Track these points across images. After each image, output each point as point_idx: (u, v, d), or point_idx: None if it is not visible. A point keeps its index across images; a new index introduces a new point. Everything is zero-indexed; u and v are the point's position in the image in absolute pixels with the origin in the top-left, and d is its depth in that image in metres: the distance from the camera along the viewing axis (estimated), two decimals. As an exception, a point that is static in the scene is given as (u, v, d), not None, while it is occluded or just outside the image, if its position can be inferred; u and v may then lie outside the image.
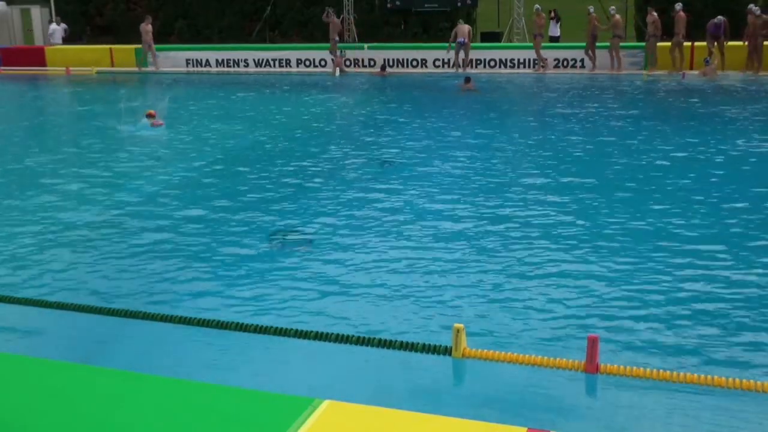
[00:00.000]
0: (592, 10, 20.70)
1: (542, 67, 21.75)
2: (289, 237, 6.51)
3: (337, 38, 22.99)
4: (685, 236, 6.22)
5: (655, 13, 20.25)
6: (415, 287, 5.22)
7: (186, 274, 5.57)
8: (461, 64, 22.02)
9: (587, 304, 4.87)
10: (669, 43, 20.19)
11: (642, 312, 4.73)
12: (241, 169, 9.51)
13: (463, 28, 21.87)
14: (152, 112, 12.86)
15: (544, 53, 21.80)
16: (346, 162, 9.73)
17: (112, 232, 6.70)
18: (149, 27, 23.96)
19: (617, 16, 20.62)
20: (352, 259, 5.83)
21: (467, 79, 18.16)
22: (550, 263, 5.63)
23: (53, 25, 27.50)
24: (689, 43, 20.54)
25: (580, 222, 6.69)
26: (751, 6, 19.14)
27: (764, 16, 19.03)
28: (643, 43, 20.79)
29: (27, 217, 7.24)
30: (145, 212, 7.38)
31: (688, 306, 4.82)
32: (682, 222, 6.62)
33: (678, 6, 19.75)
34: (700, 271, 5.41)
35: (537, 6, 22.09)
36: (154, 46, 24.20)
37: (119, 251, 6.14)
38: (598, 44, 20.93)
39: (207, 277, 5.50)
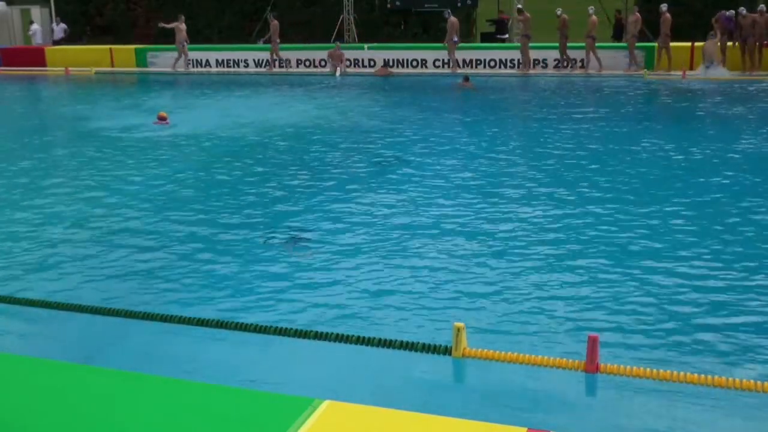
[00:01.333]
0: (559, 12, 20.81)
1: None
2: (289, 237, 6.51)
3: (278, 40, 23.32)
4: (686, 237, 6.22)
5: (638, 13, 20.36)
6: (415, 287, 5.22)
7: (186, 274, 5.57)
8: (458, 63, 22.12)
9: (587, 305, 4.87)
10: (681, 44, 20.22)
11: (642, 312, 4.73)
12: (242, 168, 9.51)
13: (456, 23, 21.93)
14: (163, 113, 13.04)
15: (541, 54, 21.82)
16: (347, 162, 9.73)
17: (112, 232, 6.70)
18: (183, 26, 23.85)
19: (594, 17, 20.70)
20: (353, 258, 5.83)
21: (466, 78, 18.25)
22: (550, 263, 5.63)
23: (34, 26, 27.51)
24: (689, 44, 20.53)
25: (580, 222, 6.69)
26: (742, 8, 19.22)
27: (751, 15, 19.02)
28: (642, 44, 20.78)
29: (27, 216, 7.24)
30: (146, 211, 7.38)
31: (688, 306, 4.83)
32: (683, 223, 6.62)
33: (663, 7, 19.89)
34: (700, 272, 5.42)
35: (519, 6, 22.25)
36: (186, 47, 24.05)
37: (120, 251, 6.14)
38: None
39: (207, 277, 5.50)
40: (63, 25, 27.94)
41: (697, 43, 20.43)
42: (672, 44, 20.77)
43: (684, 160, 9.45)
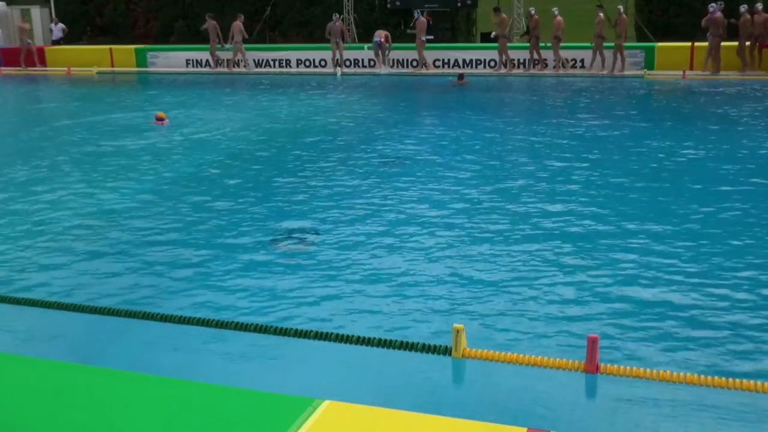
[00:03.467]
0: (533, 11, 21.27)
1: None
2: (289, 237, 6.51)
3: (216, 40, 23.68)
4: (686, 237, 6.22)
5: (602, 14, 20.50)
6: (415, 287, 5.22)
7: (185, 274, 5.57)
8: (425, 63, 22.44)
9: (587, 304, 4.87)
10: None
11: (642, 312, 4.73)
12: (242, 168, 9.51)
13: (424, 23, 22.31)
14: (161, 114, 13.09)
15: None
16: (347, 161, 9.72)
17: (112, 231, 6.70)
18: (236, 24, 23.77)
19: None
20: (353, 258, 5.83)
21: (461, 76, 18.93)
22: (550, 264, 5.63)
23: None
24: (688, 44, 20.55)
25: (580, 222, 6.69)
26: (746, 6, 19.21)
27: (749, 16, 18.96)
28: (642, 44, 20.84)
29: (27, 215, 7.24)
30: (146, 211, 7.37)
31: (688, 306, 4.82)
32: (683, 223, 6.62)
33: (620, 8, 20.21)
34: (700, 272, 5.41)
35: (496, 6, 22.69)
36: (242, 45, 23.99)
37: (120, 250, 6.14)
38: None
39: (207, 277, 5.50)
40: (61, 25, 27.94)
41: (697, 44, 20.43)
42: (672, 44, 20.85)
43: (689, 159, 9.45)
